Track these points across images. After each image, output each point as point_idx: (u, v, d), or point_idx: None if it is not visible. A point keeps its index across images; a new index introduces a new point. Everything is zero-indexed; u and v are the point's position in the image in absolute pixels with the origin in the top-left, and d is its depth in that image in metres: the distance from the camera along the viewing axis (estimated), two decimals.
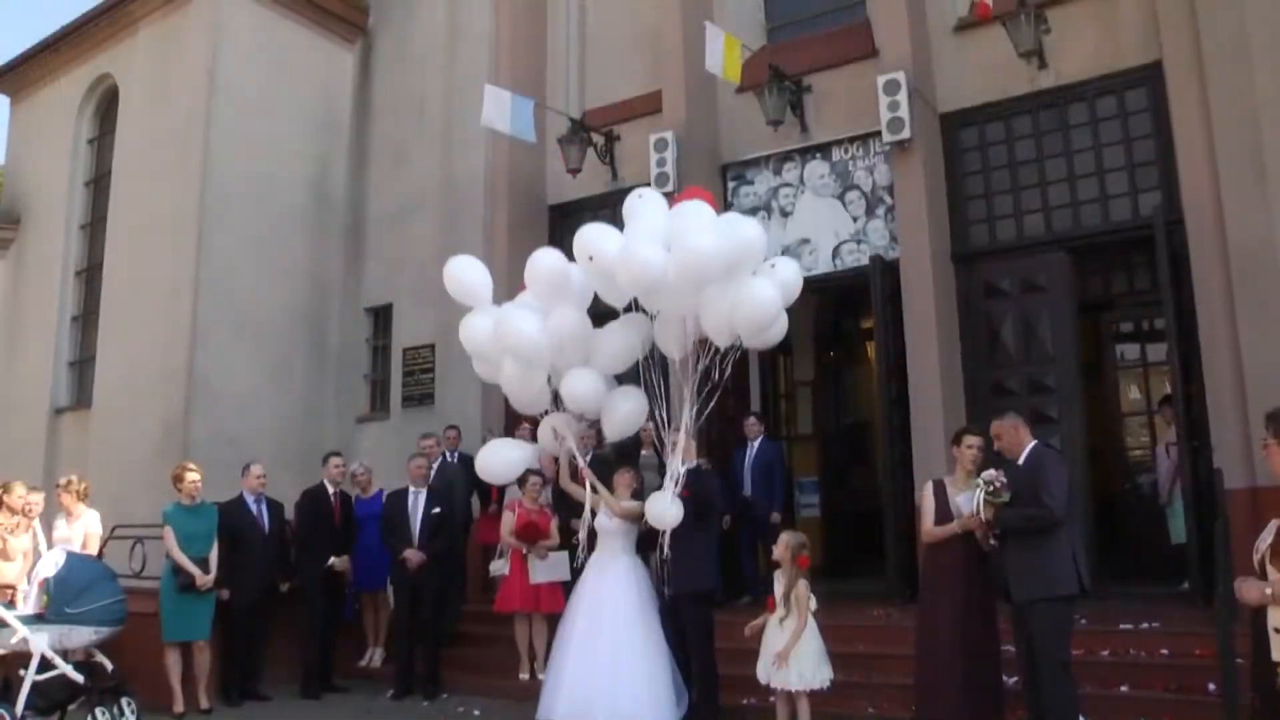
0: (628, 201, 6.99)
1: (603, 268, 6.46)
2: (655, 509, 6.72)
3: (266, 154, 12.24)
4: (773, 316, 6.52)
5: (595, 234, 6.71)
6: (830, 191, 10.36)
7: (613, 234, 6.72)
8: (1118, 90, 9.17)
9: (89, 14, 13.61)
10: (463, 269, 7.19)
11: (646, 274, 6.24)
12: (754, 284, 6.37)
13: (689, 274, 6.19)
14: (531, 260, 6.79)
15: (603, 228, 6.87)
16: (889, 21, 9.81)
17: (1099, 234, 9.18)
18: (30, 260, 14.27)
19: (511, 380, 7.02)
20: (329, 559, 8.86)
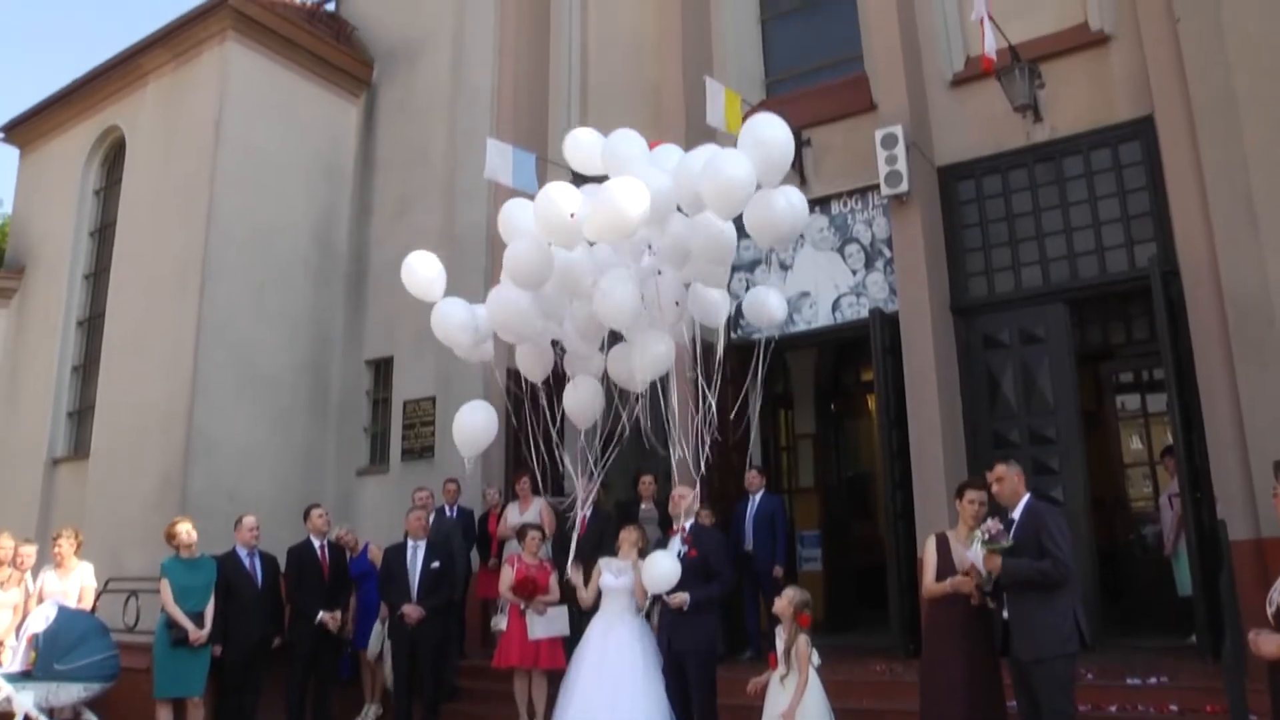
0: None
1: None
2: (654, 573, 6.66)
3: (270, 205, 12.35)
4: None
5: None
6: (830, 244, 10.44)
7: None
8: (1111, 143, 9.29)
9: (100, 67, 13.83)
10: (420, 263, 7.06)
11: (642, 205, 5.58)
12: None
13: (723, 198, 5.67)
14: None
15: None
16: (886, 76, 9.95)
17: (1096, 285, 9.23)
18: (33, 309, 14.33)
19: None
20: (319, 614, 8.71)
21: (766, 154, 5.61)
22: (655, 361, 6.63)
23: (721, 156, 5.52)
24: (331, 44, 13.56)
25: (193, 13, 12.60)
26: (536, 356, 6.90)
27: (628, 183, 5.43)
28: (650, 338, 6.54)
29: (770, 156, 5.64)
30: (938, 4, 10.30)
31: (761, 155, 5.58)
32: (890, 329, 9.49)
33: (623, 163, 5.86)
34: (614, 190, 5.38)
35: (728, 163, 5.43)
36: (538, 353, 6.90)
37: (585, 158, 6.39)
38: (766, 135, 5.64)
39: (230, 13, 12.34)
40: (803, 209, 6.01)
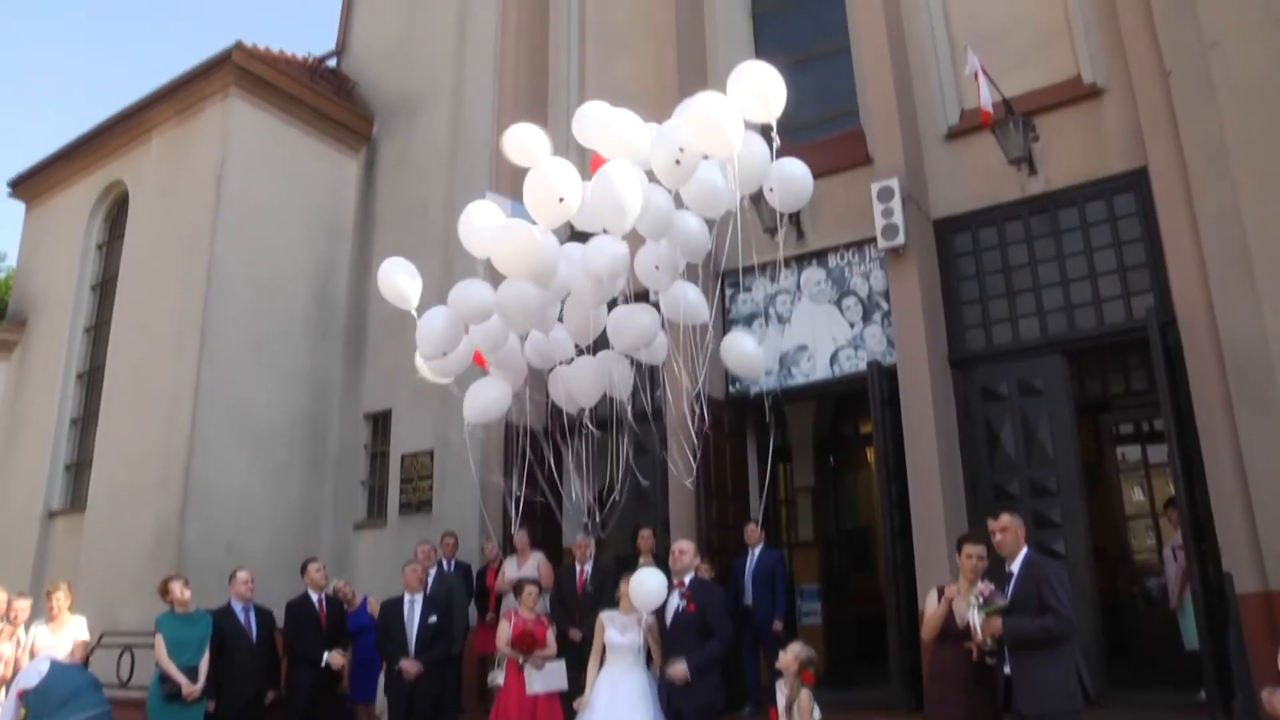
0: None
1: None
2: (642, 592, 6.61)
3: (271, 259, 12.42)
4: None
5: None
6: (827, 298, 10.48)
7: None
8: (1106, 195, 9.36)
9: (105, 122, 14.02)
10: (395, 270, 7.04)
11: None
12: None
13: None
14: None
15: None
16: (882, 130, 10.06)
17: (1094, 336, 9.25)
18: (34, 362, 14.36)
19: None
20: (320, 664, 8.60)
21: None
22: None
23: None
24: (332, 100, 13.74)
25: (197, 69, 12.80)
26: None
27: (626, 170, 5.48)
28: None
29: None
30: (932, 59, 10.45)
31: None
32: (888, 382, 9.49)
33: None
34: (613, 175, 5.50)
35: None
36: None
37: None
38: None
39: (233, 69, 12.52)
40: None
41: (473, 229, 6.42)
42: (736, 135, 5.47)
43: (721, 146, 5.58)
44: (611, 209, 5.49)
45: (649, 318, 6.59)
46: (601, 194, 5.49)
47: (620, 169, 5.45)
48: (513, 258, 5.92)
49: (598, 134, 6.05)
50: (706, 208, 6.21)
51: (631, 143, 5.82)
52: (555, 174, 5.67)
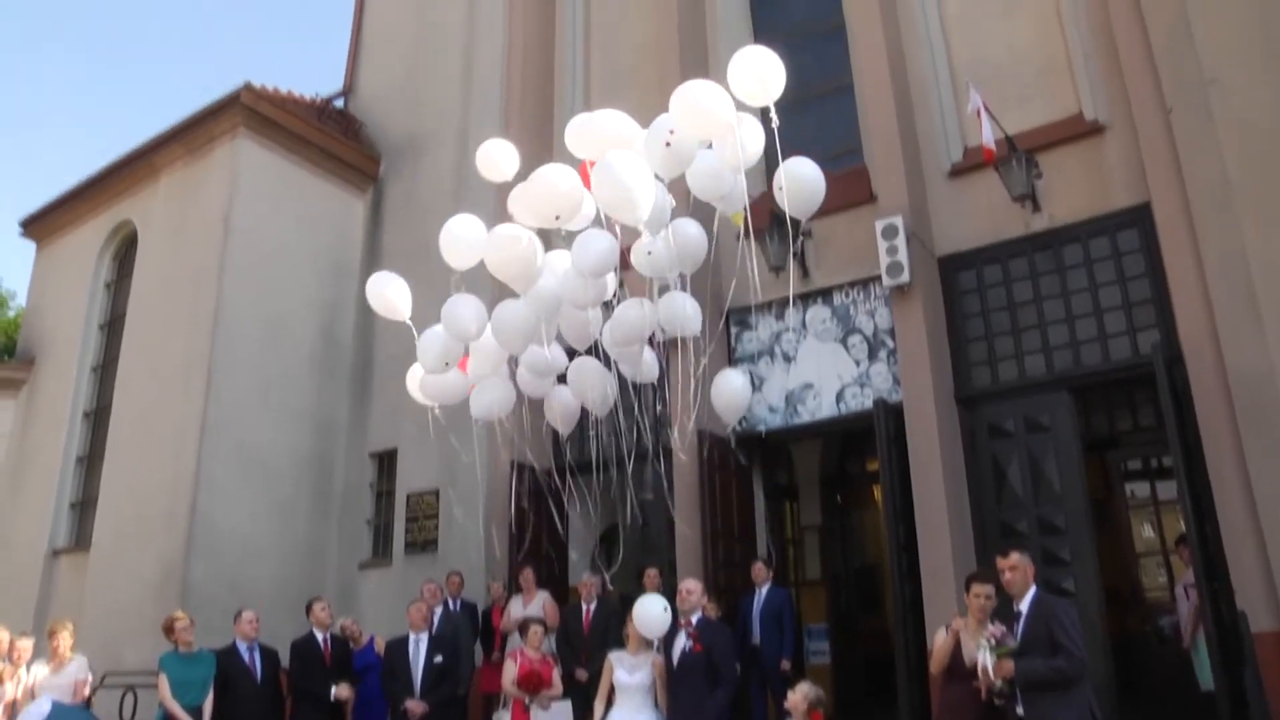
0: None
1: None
2: (645, 619, 6.56)
3: (278, 298, 12.48)
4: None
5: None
6: (832, 336, 10.49)
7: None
8: (1110, 231, 9.37)
9: (115, 162, 14.16)
10: (384, 284, 7.01)
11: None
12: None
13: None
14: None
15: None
16: (886, 167, 10.11)
17: (1100, 373, 9.22)
18: (41, 401, 14.40)
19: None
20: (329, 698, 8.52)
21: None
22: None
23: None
24: (340, 140, 13.87)
25: (206, 109, 12.94)
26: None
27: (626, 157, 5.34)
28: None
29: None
30: (934, 96, 10.52)
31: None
32: (894, 419, 9.46)
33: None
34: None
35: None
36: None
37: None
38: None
39: (242, 110, 12.66)
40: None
41: (454, 239, 6.32)
42: (726, 115, 5.30)
43: (712, 128, 5.45)
44: (619, 195, 5.29)
45: (644, 310, 6.49)
46: (606, 180, 5.30)
47: (620, 158, 5.28)
48: (504, 262, 5.86)
49: (590, 137, 5.88)
50: (710, 191, 6.06)
51: (624, 141, 5.69)
52: (553, 181, 5.49)
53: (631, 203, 5.29)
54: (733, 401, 6.55)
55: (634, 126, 5.81)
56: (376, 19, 15.70)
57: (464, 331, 6.23)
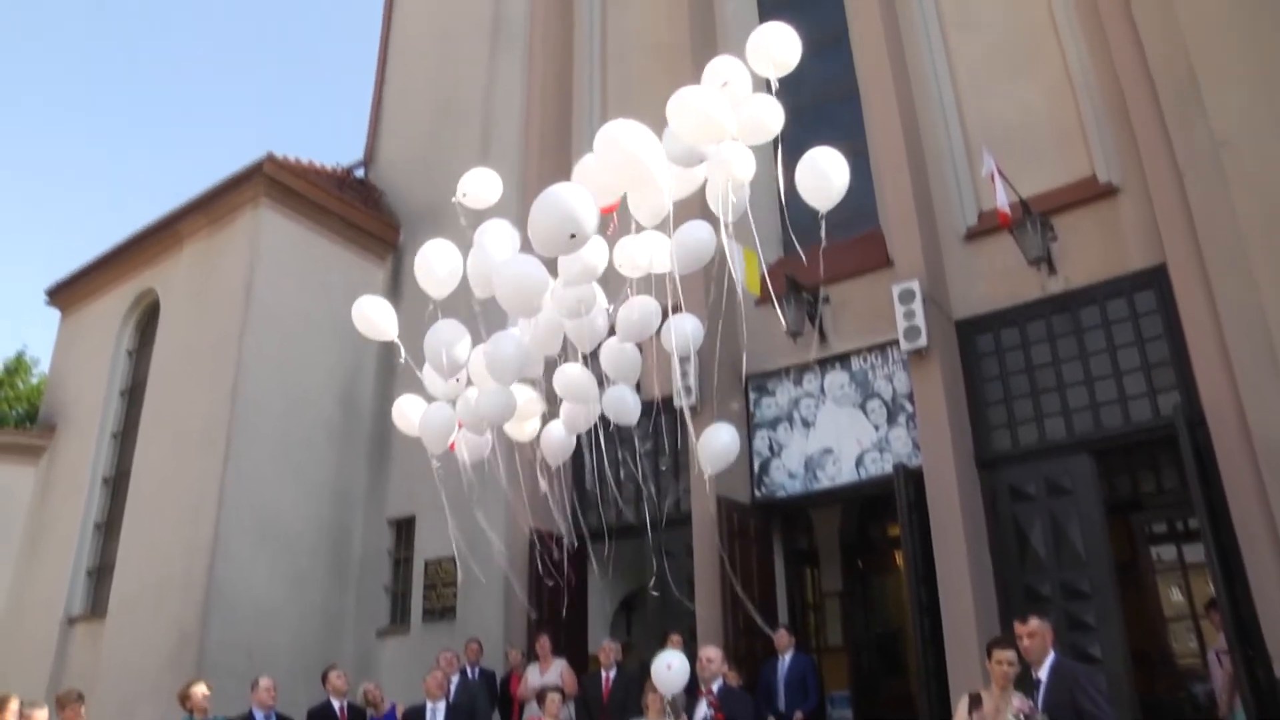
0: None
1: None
2: (664, 677, 6.45)
3: (297, 366, 12.56)
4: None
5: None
6: (851, 400, 10.49)
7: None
8: (1126, 293, 9.39)
9: (139, 232, 14.36)
10: (370, 307, 6.87)
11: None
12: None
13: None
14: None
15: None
16: (901, 232, 10.17)
17: (1121, 435, 9.17)
18: (61, 467, 14.45)
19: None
20: None
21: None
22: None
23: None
24: (360, 209, 14.06)
25: (228, 180, 13.16)
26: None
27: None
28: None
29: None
30: (948, 160, 10.63)
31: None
32: (915, 484, 9.40)
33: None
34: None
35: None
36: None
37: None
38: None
39: (264, 180, 12.87)
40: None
41: (431, 268, 6.22)
42: (726, 121, 5.15)
43: (709, 133, 5.25)
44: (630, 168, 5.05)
45: (651, 307, 6.24)
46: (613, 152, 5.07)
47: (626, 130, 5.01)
48: (515, 297, 5.66)
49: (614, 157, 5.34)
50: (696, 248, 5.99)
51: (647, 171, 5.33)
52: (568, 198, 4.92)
53: (645, 172, 5.05)
54: (720, 456, 6.39)
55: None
56: (396, 89, 16.01)
57: (453, 365, 6.08)
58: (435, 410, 6.43)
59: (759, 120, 5.12)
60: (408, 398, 6.70)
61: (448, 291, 6.15)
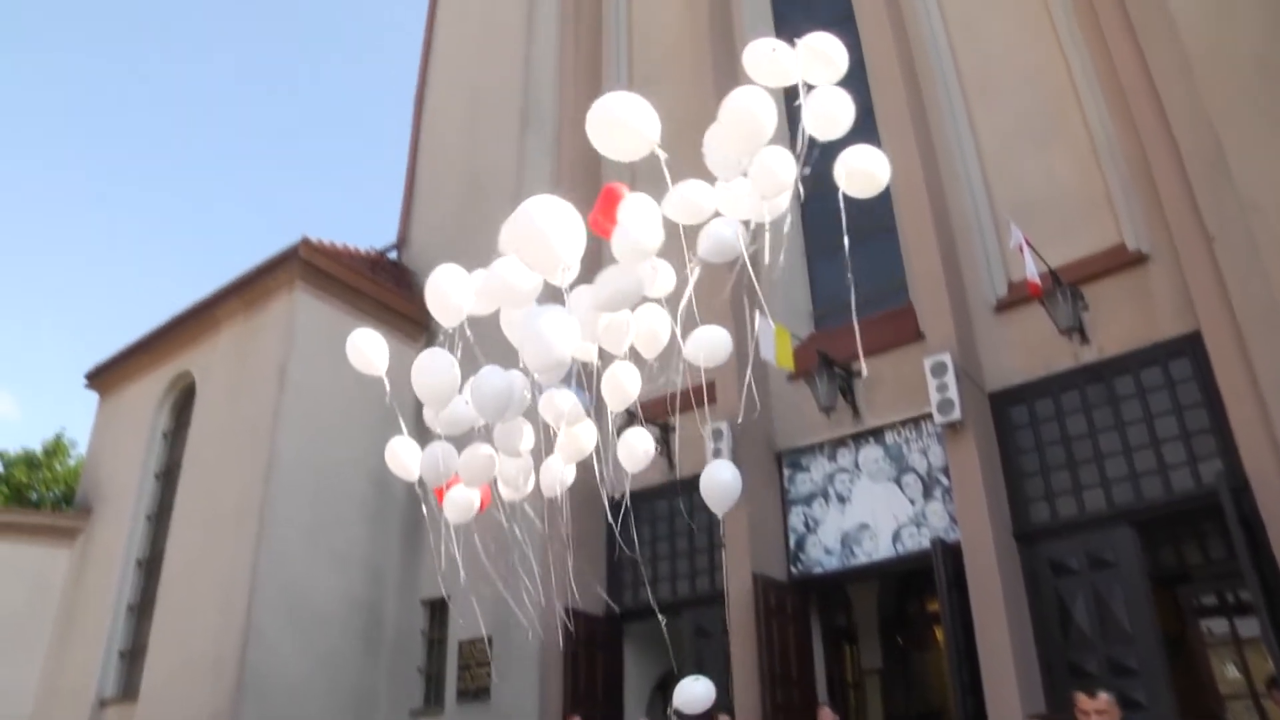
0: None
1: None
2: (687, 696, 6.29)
3: (330, 446, 12.64)
4: None
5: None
6: (886, 475, 10.40)
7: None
8: (1161, 361, 9.29)
9: (177, 316, 14.65)
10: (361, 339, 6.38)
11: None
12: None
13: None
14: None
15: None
16: (931, 305, 10.17)
17: (1163, 505, 9.00)
18: (96, 549, 14.55)
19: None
20: None
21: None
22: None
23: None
24: (392, 290, 14.26)
25: (264, 264, 13.42)
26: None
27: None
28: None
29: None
30: (976, 233, 10.66)
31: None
32: (953, 559, 9.26)
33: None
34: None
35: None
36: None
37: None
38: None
39: (299, 264, 13.10)
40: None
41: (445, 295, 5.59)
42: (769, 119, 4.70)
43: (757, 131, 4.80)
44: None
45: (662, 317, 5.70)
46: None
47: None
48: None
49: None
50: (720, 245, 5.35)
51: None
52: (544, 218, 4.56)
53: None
54: (724, 497, 6.22)
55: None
56: (428, 172, 16.35)
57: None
58: (434, 449, 6.16)
59: (830, 114, 4.88)
60: (400, 439, 6.33)
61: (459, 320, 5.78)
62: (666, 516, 11.68)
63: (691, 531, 11.32)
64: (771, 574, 10.28)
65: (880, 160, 5.04)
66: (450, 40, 17.95)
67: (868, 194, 5.09)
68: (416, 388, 5.67)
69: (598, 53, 15.49)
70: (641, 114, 4.62)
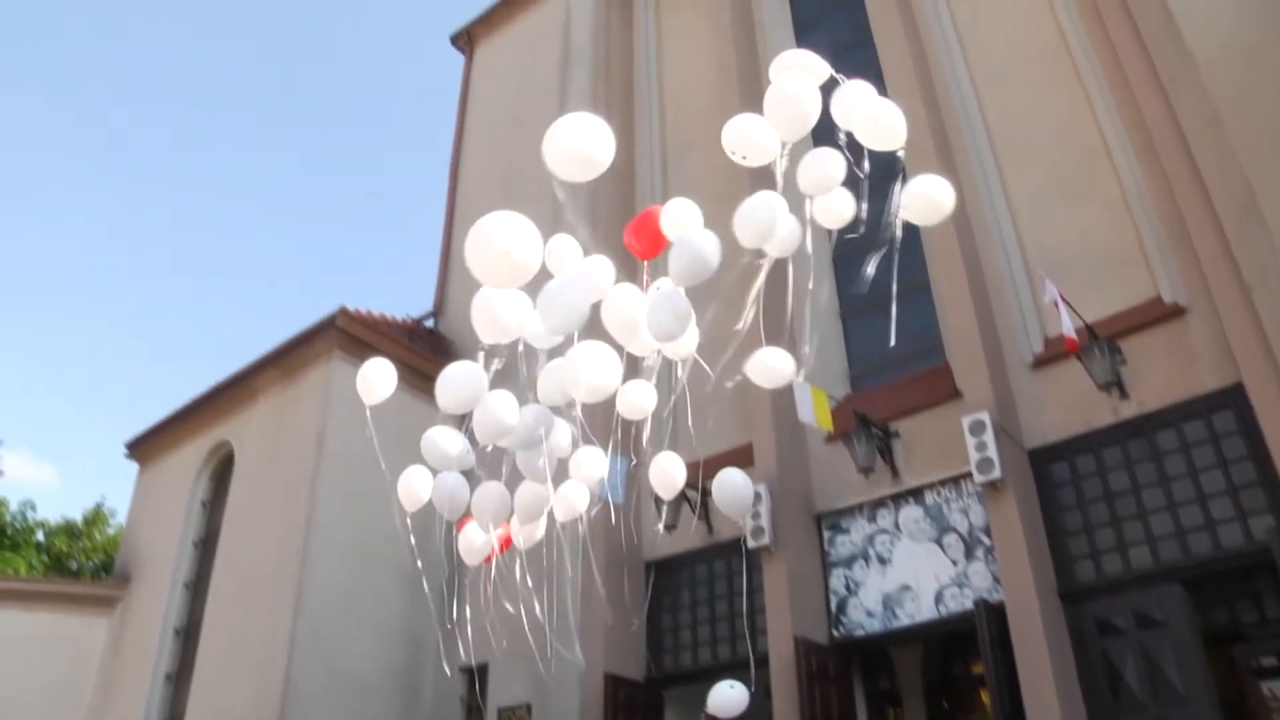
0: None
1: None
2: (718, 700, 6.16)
3: (367, 514, 12.66)
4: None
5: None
6: (927, 535, 10.28)
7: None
8: (1203, 415, 9.16)
9: (216, 386, 14.85)
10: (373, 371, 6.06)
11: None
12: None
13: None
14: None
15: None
16: (968, 363, 10.12)
17: (1213, 562, 8.81)
18: (134, 618, 14.61)
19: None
20: None
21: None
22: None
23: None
24: (430, 358, 14.35)
25: (303, 334, 13.62)
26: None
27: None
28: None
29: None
30: (1010, 289, 10.64)
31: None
32: (998, 620, 9.09)
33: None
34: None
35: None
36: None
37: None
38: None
39: (337, 332, 13.27)
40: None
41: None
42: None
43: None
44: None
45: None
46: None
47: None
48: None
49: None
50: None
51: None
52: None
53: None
54: (734, 499, 6.11)
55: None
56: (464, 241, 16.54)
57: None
58: (446, 479, 6.09)
59: (884, 122, 4.88)
60: (415, 469, 6.20)
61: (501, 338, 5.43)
62: (706, 580, 11.60)
63: (731, 594, 11.22)
64: (813, 637, 10.14)
65: (945, 188, 5.10)
66: (485, 112, 18.33)
67: (932, 222, 5.15)
68: (439, 394, 5.51)
69: (630, 121, 15.75)
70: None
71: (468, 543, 6.29)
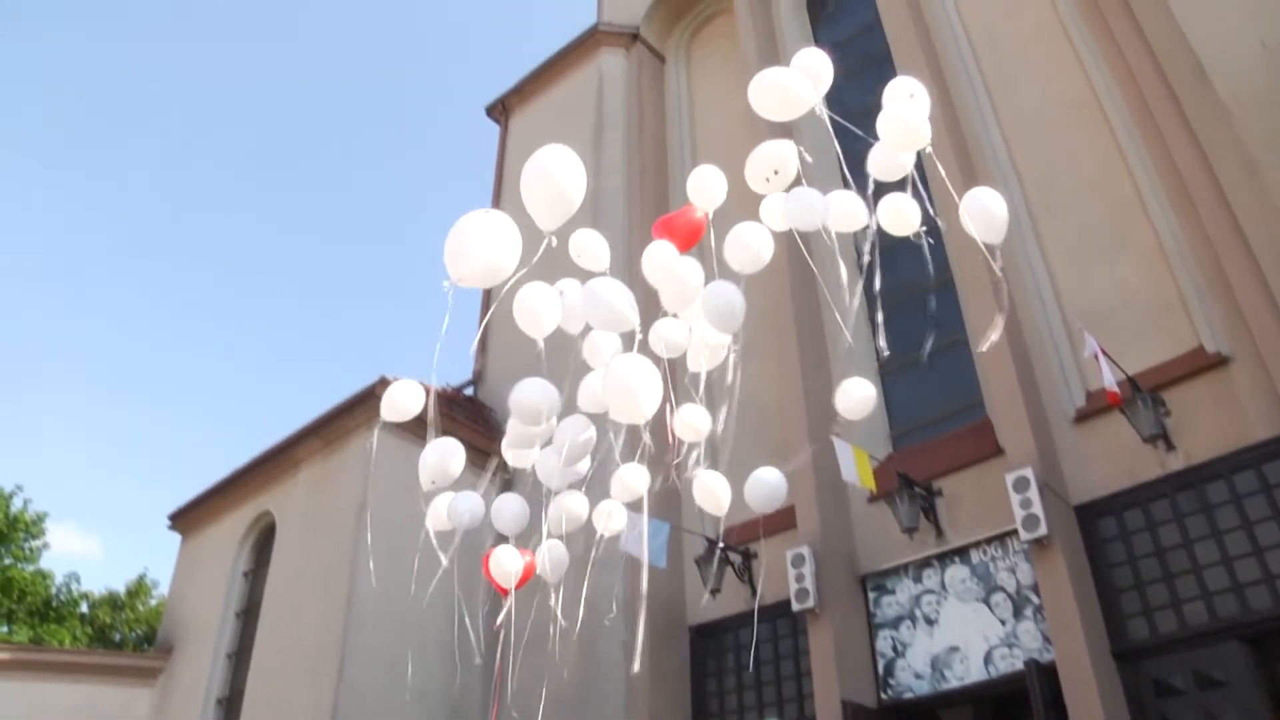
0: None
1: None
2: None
3: (410, 582, 12.59)
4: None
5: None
6: (974, 595, 10.10)
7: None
8: (1254, 465, 8.97)
9: (258, 457, 14.97)
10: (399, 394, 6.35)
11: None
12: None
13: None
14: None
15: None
16: (1009, 419, 10.01)
17: (1274, 618, 8.53)
18: (177, 689, 14.60)
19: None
20: None
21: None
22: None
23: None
24: (469, 426, 14.43)
25: (343, 404, 13.73)
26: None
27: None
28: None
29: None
30: (1050, 343, 10.56)
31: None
32: (1050, 681, 8.86)
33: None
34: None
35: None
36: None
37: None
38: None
39: (377, 402, 13.33)
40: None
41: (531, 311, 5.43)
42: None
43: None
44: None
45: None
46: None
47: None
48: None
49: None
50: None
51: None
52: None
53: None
54: (766, 493, 6.09)
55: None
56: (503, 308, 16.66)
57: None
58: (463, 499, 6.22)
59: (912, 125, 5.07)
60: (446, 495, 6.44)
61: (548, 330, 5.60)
62: (751, 645, 11.45)
63: (777, 659, 11.05)
64: (861, 700, 9.94)
65: (998, 199, 5.17)
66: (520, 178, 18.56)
67: (991, 237, 5.24)
68: (512, 403, 5.73)
69: (664, 184, 15.94)
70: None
71: (499, 565, 6.66)
